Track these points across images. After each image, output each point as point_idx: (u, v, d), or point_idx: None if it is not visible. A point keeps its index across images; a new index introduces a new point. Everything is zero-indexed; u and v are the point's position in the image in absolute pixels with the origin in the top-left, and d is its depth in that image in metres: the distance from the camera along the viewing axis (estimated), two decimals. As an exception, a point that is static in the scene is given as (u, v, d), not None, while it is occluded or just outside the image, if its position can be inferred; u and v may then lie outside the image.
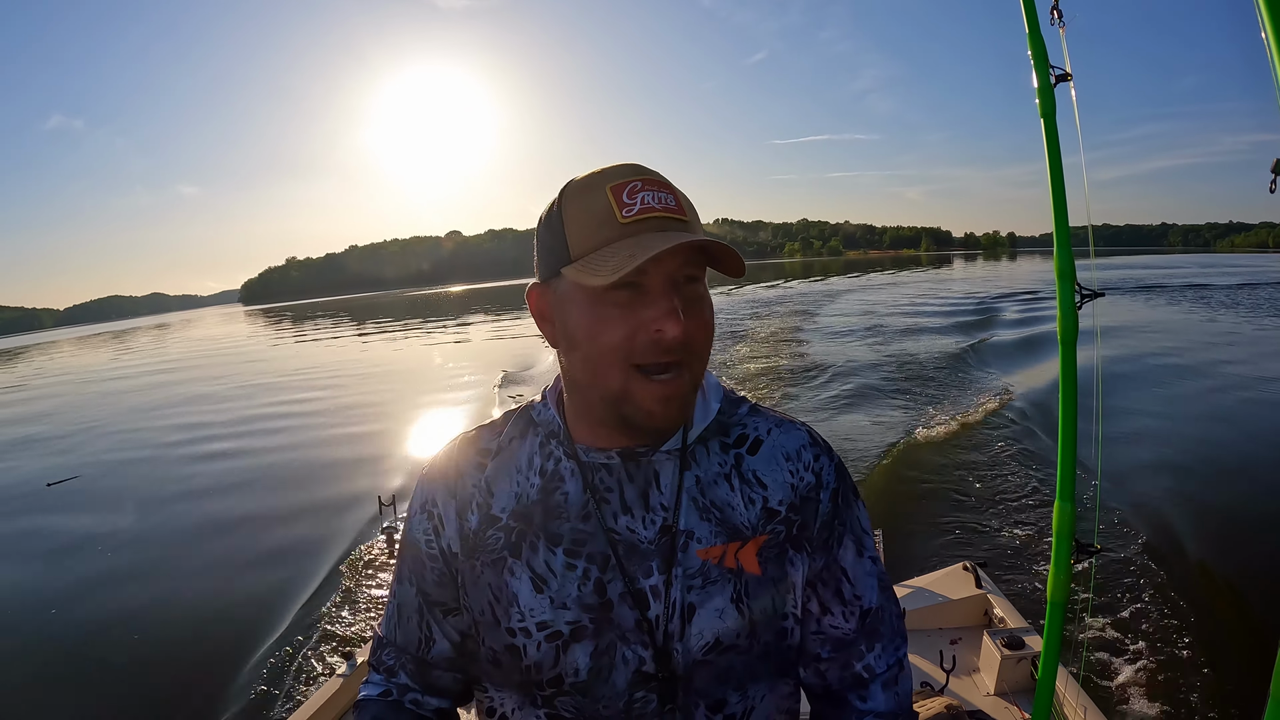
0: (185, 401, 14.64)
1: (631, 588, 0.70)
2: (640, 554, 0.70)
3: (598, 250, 0.63)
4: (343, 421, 10.80)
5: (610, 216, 0.64)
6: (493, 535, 0.73)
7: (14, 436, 12.57)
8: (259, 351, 28.59)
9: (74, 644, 4.44)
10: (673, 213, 0.64)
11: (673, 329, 0.62)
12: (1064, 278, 1.39)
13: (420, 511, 0.77)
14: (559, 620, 0.70)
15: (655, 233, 0.63)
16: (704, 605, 0.70)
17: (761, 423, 0.77)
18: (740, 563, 0.71)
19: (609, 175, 0.66)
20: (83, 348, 52.04)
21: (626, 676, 0.70)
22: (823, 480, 0.75)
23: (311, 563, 5.25)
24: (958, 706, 1.78)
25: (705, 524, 0.71)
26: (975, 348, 13.23)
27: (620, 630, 0.70)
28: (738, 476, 0.73)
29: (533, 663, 0.71)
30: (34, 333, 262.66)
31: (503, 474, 0.75)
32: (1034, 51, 1.39)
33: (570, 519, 0.72)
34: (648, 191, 0.64)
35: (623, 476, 0.72)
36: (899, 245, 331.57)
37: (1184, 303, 20.78)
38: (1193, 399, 8.58)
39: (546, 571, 0.71)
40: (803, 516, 0.73)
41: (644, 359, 0.63)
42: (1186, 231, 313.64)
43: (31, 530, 6.85)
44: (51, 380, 25.45)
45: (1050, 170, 1.39)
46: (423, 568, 0.77)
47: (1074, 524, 1.44)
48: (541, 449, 0.75)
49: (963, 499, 5.55)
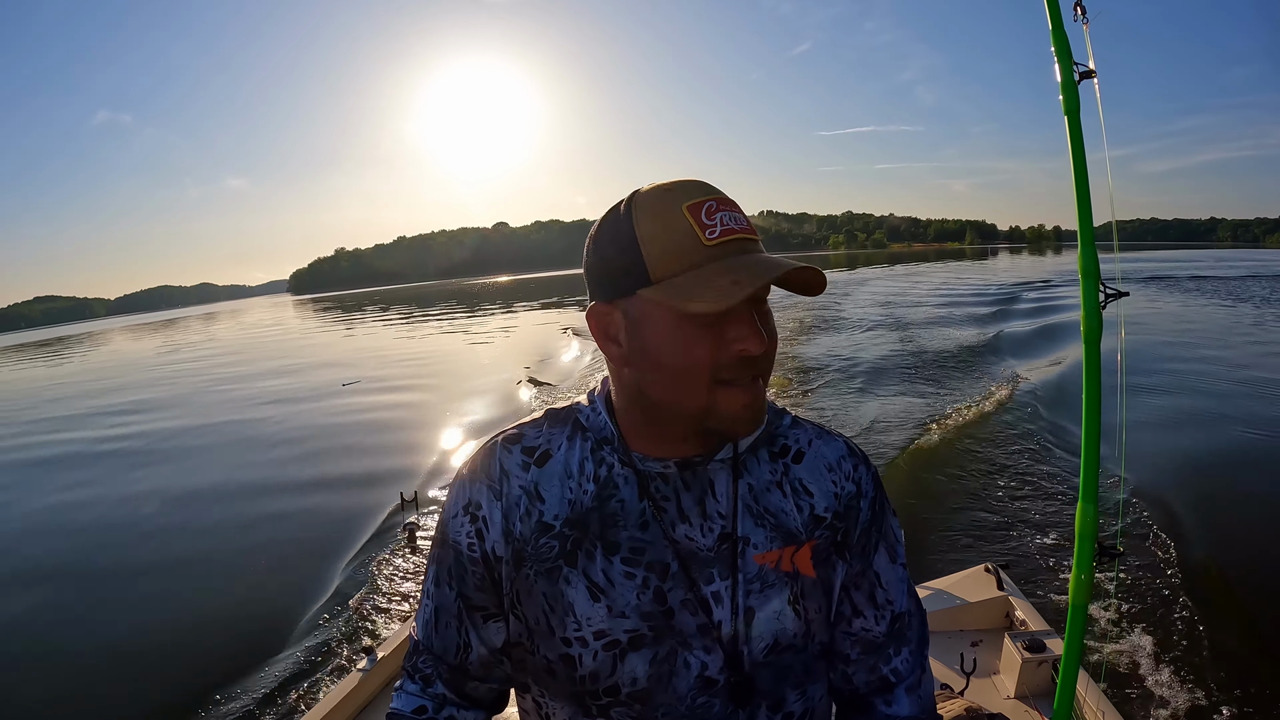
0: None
1: (696, 595, 0.71)
2: (700, 561, 0.71)
3: (685, 273, 0.63)
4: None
5: (694, 239, 0.63)
6: (546, 543, 0.72)
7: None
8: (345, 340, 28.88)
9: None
10: (749, 234, 0.65)
11: (756, 347, 0.63)
12: (1088, 276, 1.37)
13: (462, 513, 0.75)
14: (617, 629, 0.70)
15: (739, 255, 0.63)
16: (762, 609, 0.72)
17: (803, 434, 0.79)
18: (796, 566, 0.73)
19: (680, 193, 0.65)
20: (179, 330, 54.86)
21: (689, 682, 0.71)
22: (862, 489, 0.77)
23: (334, 556, 5.32)
24: (978, 709, 1.76)
25: (760, 530, 0.73)
26: (996, 340, 13.10)
27: (682, 636, 0.71)
28: (787, 484, 0.75)
29: (588, 672, 0.71)
30: (87, 321, 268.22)
31: (552, 478, 0.74)
32: (1057, 48, 1.38)
33: (628, 527, 0.71)
34: (724, 212, 0.64)
35: (679, 485, 0.72)
36: (943, 238, 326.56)
37: (1214, 297, 20.38)
38: (1220, 398, 8.40)
39: (604, 580, 0.71)
40: (845, 524, 0.76)
41: (729, 375, 0.64)
42: (1235, 226, 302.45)
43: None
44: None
45: (1074, 167, 1.37)
46: (464, 571, 0.75)
47: (1096, 526, 1.42)
48: (593, 455, 0.74)
49: (985, 499, 5.48)
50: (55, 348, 49.47)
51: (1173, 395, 8.45)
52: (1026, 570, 4.23)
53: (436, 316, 36.14)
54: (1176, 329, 14.29)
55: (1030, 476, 5.89)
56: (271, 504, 6.94)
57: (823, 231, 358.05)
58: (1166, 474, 5.72)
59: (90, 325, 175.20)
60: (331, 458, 8.50)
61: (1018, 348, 12.44)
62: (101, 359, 32.75)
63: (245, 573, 5.35)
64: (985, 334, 14.06)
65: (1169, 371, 9.82)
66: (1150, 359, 10.60)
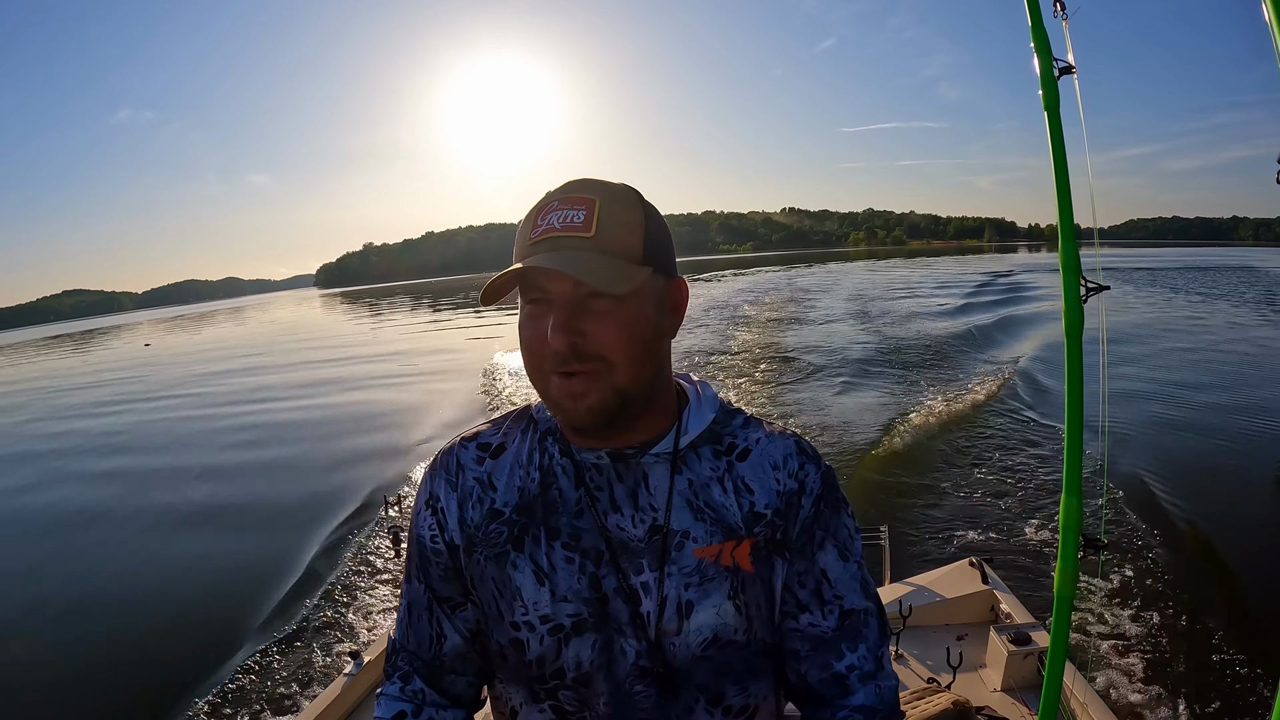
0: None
1: (624, 583, 0.72)
2: (631, 551, 0.73)
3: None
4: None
5: (524, 237, 0.70)
6: (496, 529, 0.75)
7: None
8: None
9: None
10: (573, 230, 0.67)
11: (555, 342, 0.66)
12: (1069, 271, 1.38)
13: (424, 507, 0.79)
14: (560, 613, 0.73)
15: (547, 252, 0.66)
16: (702, 602, 0.72)
17: (753, 433, 0.79)
18: (736, 560, 0.74)
19: (545, 196, 0.70)
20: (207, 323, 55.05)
21: (626, 669, 0.72)
22: (806, 487, 0.77)
23: (318, 561, 5.27)
24: (964, 703, 1.77)
25: (700, 524, 0.74)
26: (979, 333, 13.23)
27: (617, 624, 0.72)
28: (729, 480, 0.76)
29: (535, 657, 0.73)
30: (116, 314, 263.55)
31: (503, 469, 0.78)
32: (1036, 44, 1.39)
33: (566, 514, 0.74)
34: (558, 211, 0.68)
35: (612, 476, 0.74)
36: (963, 235, 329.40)
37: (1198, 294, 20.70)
38: (1202, 388, 8.53)
39: (548, 565, 0.73)
40: (785, 521, 0.76)
41: (550, 365, 0.68)
42: (1258, 225, 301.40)
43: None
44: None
45: (1054, 162, 1.38)
46: (428, 563, 0.79)
47: (1081, 518, 1.43)
48: (539, 445, 0.78)
49: (968, 493, 5.53)
50: (125, 335, 49.27)
51: (1156, 386, 8.58)
52: (1011, 564, 4.26)
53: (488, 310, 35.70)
54: (1158, 320, 14.51)
55: (1013, 470, 5.95)
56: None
57: (844, 229, 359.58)
58: (1151, 465, 5.79)
59: (120, 318, 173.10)
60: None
61: (997, 340, 12.59)
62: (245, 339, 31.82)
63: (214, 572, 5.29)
64: (961, 325, 14.22)
65: (1152, 363, 9.96)
66: (1133, 351, 10.74)
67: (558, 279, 0.67)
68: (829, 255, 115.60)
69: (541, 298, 0.68)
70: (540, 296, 0.68)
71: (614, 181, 0.71)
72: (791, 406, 8.64)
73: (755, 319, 18.29)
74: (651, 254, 0.70)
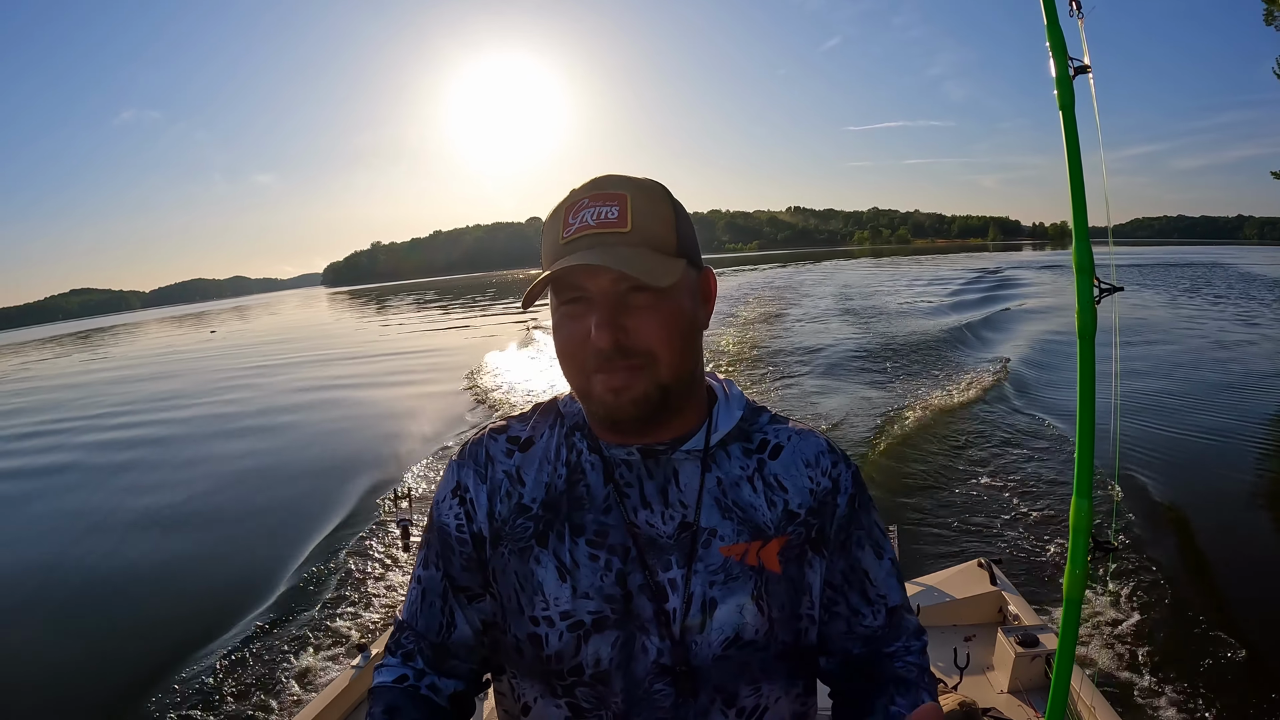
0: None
1: (650, 580, 0.72)
2: (659, 548, 0.73)
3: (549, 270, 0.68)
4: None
5: (555, 238, 0.69)
6: (522, 524, 0.75)
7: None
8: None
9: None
10: (610, 227, 0.67)
11: (600, 340, 0.66)
12: (1082, 272, 1.37)
13: (451, 495, 0.79)
14: (581, 610, 0.72)
15: (584, 250, 0.66)
16: (725, 600, 0.72)
17: (782, 430, 0.79)
18: (762, 561, 0.74)
19: (571, 195, 0.70)
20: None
21: (646, 667, 0.72)
22: (840, 486, 0.77)
23: (325, 554, 5.30)
24: (971, 704, 1.77)
25: (728, 522, 0.74)
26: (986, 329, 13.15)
27: (640, 621, 0.72)
28: (760, 479, 0.76)
29: (553, 653, 0.73)
30: (124, 313, 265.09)
31: (532, 463, 0.78)
32: (1052, 43, 1.37)
33: (593, 510, 0.74)
34: (590, 209, 0.68)
35: (642, 472, 0.74)
36: (967, 234, 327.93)
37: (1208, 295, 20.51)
38: (1215, 392, 8.45)
39: (571, 561, 0.73)
40: (820, 520, 0.76)
41: (595, 365, 0.68)
42: (1263, 224, 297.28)
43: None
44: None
45: (1069, 162, 1.37)
46: (450, 552, 0.79)
47: (1091, 521, 1.42)
48: (567, 440, 0.78)
49: (978, 494, 5.50)
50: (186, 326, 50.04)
51: (1168, 389, 8.49)
52: (1019, 565, 4.24)
53: (497, 306, 36.91)
54: (1171, 322, 14.37)
55: (1023, 471, 5.91)
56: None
57: (849, 228, 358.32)
58: (1162, 468, 5.75)
59: (128, 317, 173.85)
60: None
61: (1004, 339, 12.50)
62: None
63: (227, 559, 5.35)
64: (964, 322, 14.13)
65: (1165, 365, 9.87)
66: (1146, 352, 10.65)
67: (596, 276, 0.66)
68: (834, 253, 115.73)
69: (580, 296, 0.68)
70: (578, 295, 0.68)
71: (639, 176, 0.71)
72: (792, 407, 8.63)
73: (753, 316, 18.28)
74: (684, 246, 0.71)
